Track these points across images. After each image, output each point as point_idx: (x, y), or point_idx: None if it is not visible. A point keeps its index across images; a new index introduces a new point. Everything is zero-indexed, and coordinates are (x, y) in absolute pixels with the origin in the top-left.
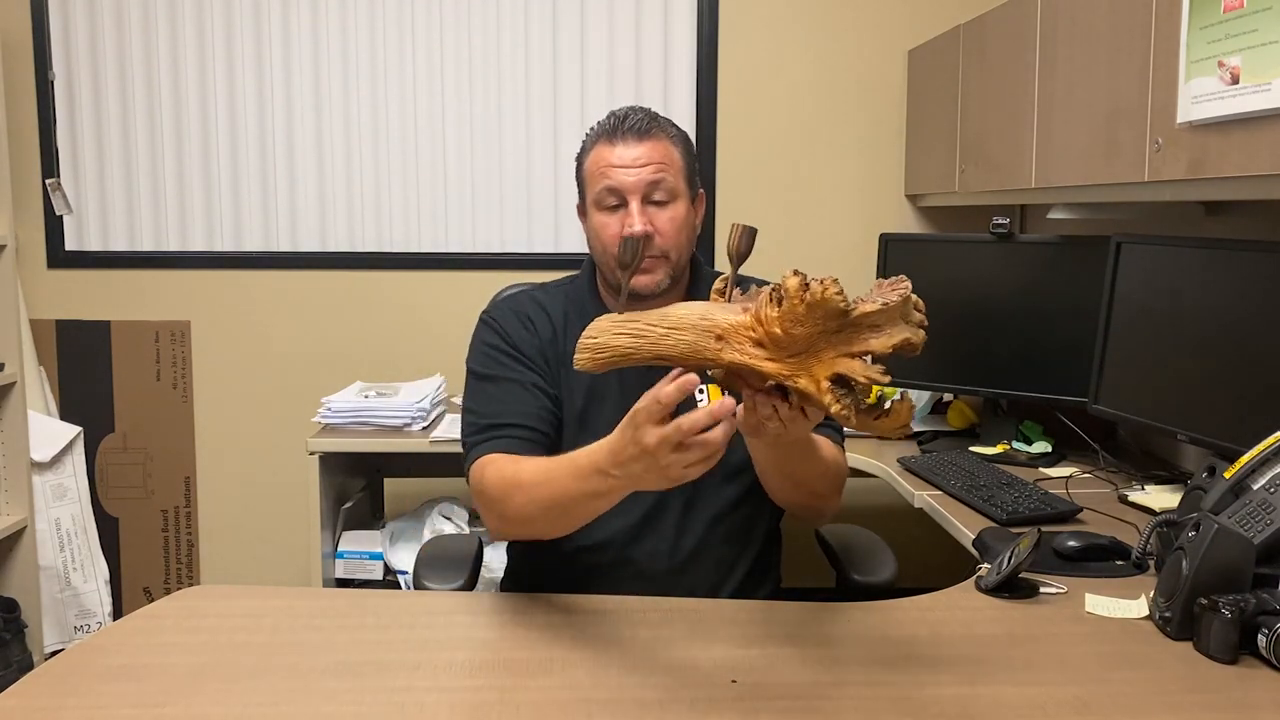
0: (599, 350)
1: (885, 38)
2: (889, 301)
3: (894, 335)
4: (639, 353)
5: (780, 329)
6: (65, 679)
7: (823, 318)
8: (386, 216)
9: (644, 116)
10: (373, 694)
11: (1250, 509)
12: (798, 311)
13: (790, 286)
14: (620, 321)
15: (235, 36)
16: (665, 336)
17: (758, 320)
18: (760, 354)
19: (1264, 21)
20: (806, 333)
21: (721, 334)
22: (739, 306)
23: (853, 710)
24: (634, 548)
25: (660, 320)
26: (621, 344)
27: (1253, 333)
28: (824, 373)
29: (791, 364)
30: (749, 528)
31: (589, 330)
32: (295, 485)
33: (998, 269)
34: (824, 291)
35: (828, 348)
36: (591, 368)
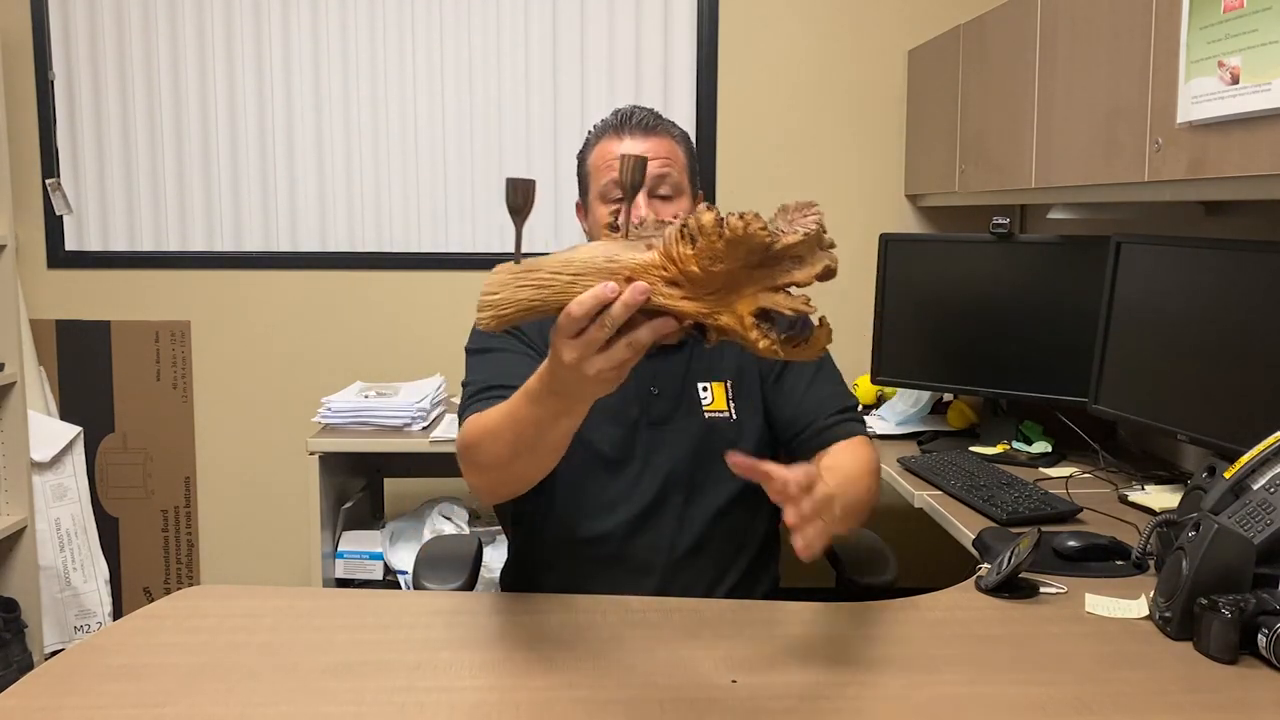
0: (501, 305)
1: (885, 38)
2: (809, 230)
3: (815, 264)
4: (544, 304)
5: (698, 267)
6: (65, 679)
7: (745, 253)
8: (386, 216)
9: (649, 114)
10: (373, 694)
11: (1250, 509)
12: (716, 248)
13: (706, 223)
14: (520, 273)
15: (235, 36)
16: (571, 284)
17: (670, 259)
18: (676, 294)
19: (1264, 21)
20: (726, 269)
21: (631, 275)
22: (642, 243)
23: (853, 710)
24: (634, 541)
25: (564, 267)
26: (525, 297)
27: (1253, 333)
28: (747, 308)
29: (710, 301)
30: (748, 525)
31: (487, 285)
32: (295, 485)
33: (998, 269)
34: (746, 227)
35: (749, 282)
36: (495, 325)
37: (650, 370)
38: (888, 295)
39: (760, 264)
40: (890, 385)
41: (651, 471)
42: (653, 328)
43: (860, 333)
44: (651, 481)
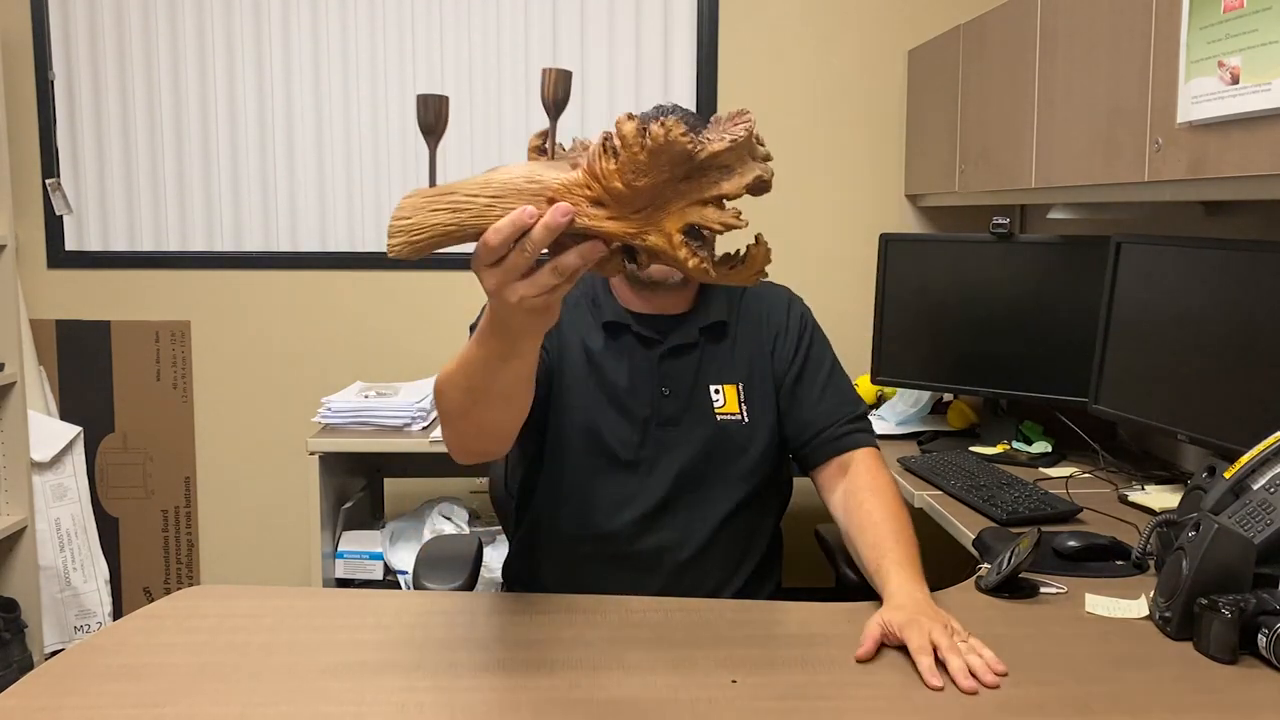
0: (415, 230)
1: (885, 38)
2: (736, 138)
3: (745, 174)
4: (462, 229)
5: (620, 182)
6: (65, 679)
7: (668, 164)
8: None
9: (690, 115)
10: (373, 694)
11: (1250, 509)
12: (639, 160)
13: (626, 133)
14: (434, 195)
15: (235, 36)
16: (490, 207)
17: (593, 176)
18: (601, 214)
19: (1264, 21)
20: (650, 183)
21: (554, 196)
22: (566, 163)
23: (853, 710)
24: (641, 540)
25: (481, 189)
26: (439, 221)
27: (1253, 333)
28: (674, 225)
29: (637, 220)
30: (755, 528)
31: (399, 210)
32: (295, 485)
33: (998, 269)
34: (667, 134)
35: (675, 197)
36: (409, 253)
37: (662, 371)
38: (888, 295)
39: (686, 177)
40: (890, 385)
41: (661, 471)
42: (580, 252)
43: (860, 333)
44: (661, 481)
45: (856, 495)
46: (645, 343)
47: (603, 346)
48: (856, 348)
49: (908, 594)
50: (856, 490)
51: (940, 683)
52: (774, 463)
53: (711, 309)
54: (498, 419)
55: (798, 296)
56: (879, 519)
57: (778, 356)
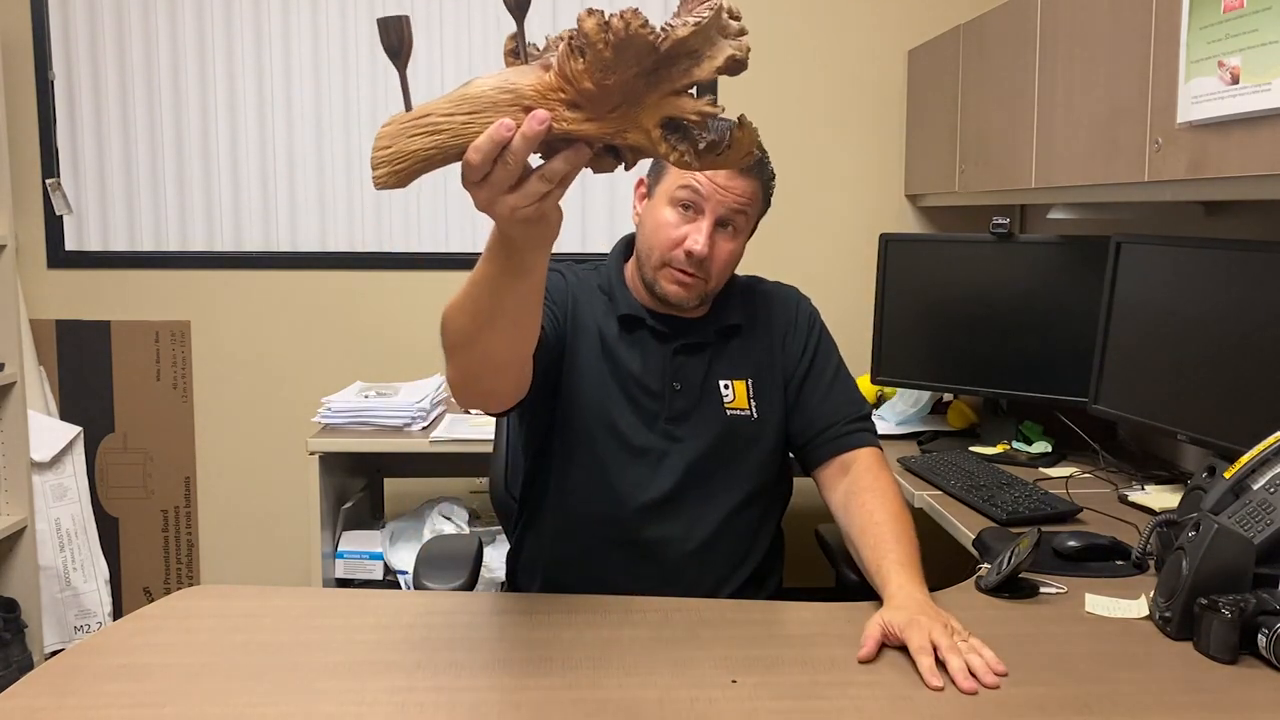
0: (396, 159)
1: (885, 38)
2: (701, 19)
3: (716, 57)
4: (442, 150)
5: (591, 82)
6: (65, 679)
7: (634, 58)
8: (386, 216)
9: None
10: (373, 694)
11: (1250, 509)
12: (605, 57)
13: (589, 29)
14: (410, 121)
15: (235, 36)
16: (468, 124)
17: (564, 79)
18: (578, 116)
19: (1264, 21)
20: (620, 80)
21: (530, 104)
22: (539, 65)
23: (853, 710)
24: (647, 530)
25: (457, 106)
26: (419, 146)
27: (1253, 333)
28: (651, 120)
29: (615, 119)
30: (759, 526)
31: (378, 140)
32: (295, 485)
33: (998, 269)
34: (627, 27)
35: (648, 91)
36: (394, 182)
37: (675, 366)
38: (888, 295)
39: (656, 68)
40: (890, 385)
41: (670, 464)
42: (566, 157)
43: (860, 333)
44: (670, 474)
45: (858, 496)
46: (660, 337)
47: (617, 336)
48: (856, 348)
49: (908, 594)
50: (858, 490)
51: (940, 683)
52: (780, 460)
53: (725, 314)
54: (505, 345)
55: (806, 297)
56: (880, 519)
57: (787, 354)
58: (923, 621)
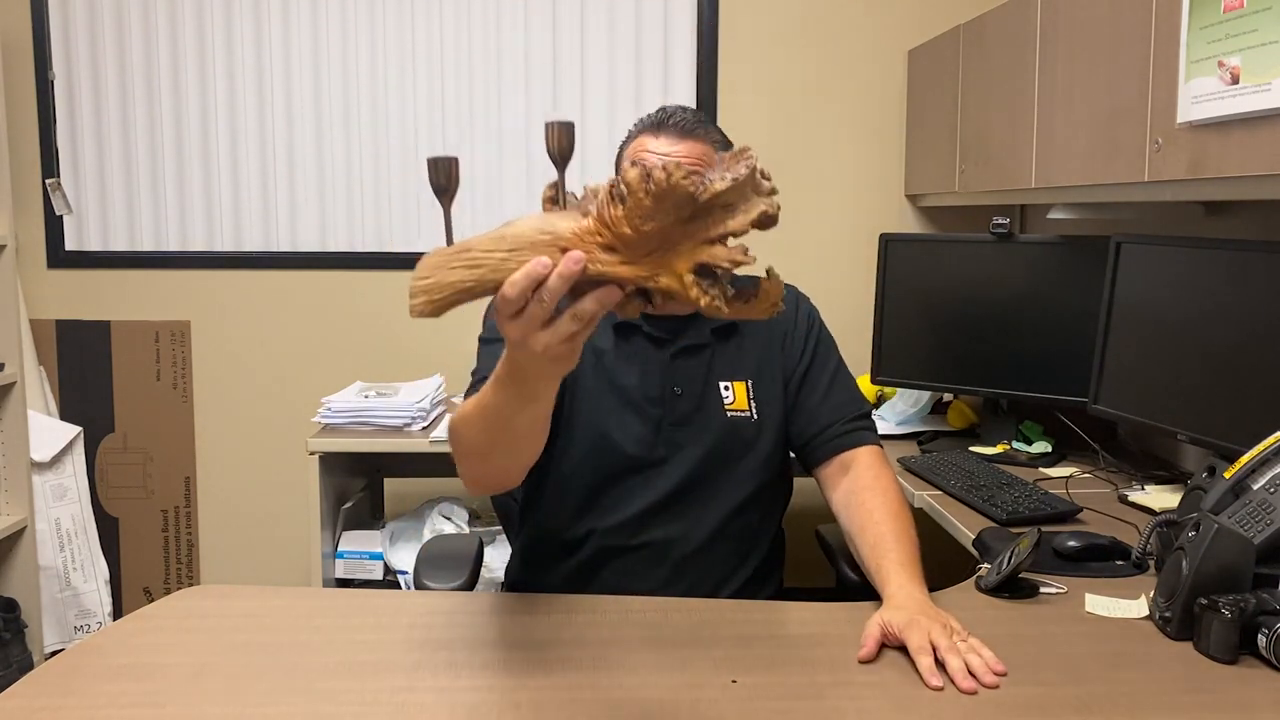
0: (434, 290)
1: (885, 38)
2: (738, 176)
3: (750, 210)
4: (480, 284)
5: (629, 227)
6: (65, 679)
7: (673, 207)
8: (386, 216)
9: (691, 115)
10: (373, 694)
11: (1250, 509)
12: (645, 205)
13: (631, 179)
14: (451, 254)
15: (235, 36)
16: (506, 261)
17: (603, 223)
18: (613, 259)
19: (1264, 21)
20: (658, 226)
21: (567, 245)
22: (578, 211)
23: (853, 710)
24: (648, 533)
25: (496, 244)
26: (457, 279)
27: (1253, 333)
28: (684, 266)
29: (649, 263)
30: (760, 526)
31: (419, 270)
32: (295, 485)
33: (998, 269)
34: (669, 178)
35: (684, 239)
36: (430, 311)
37: (674, 370)
38: (888, 295)
39: (692, 217)
40: (890, 385)
41: (671, 469)
42: (597, 298)
43: (860, 333)
44: (671, 478)
45: (858, 495)
46: (657, 343)
47: (613, 348)
48: (856, 348)
49: (908, 594)
50: (858, 490)
51: (940, 683)
52: (780, 460)
53: None
54: (516, 457)
55: (805, 296)
56: (879, 518)
57: (786, 354)
58: (922, 621)
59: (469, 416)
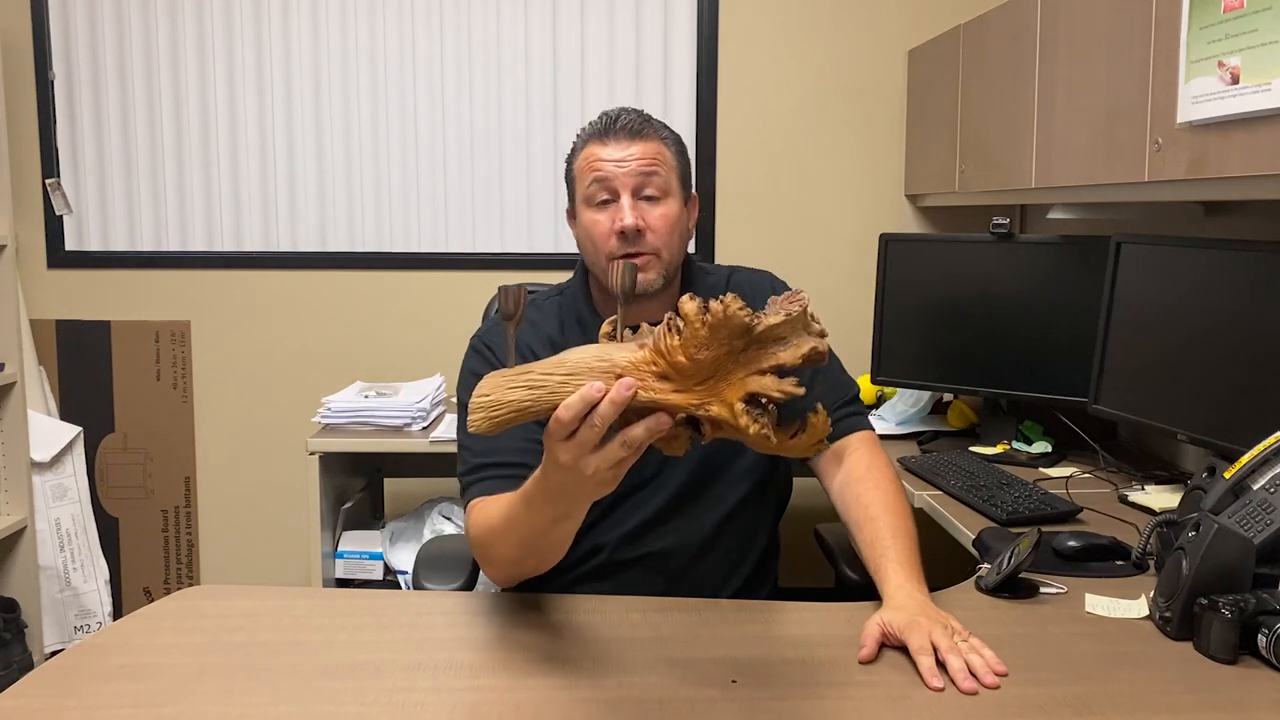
0: (494, 408)
1: (885, 38)
2: (791, 312)
3: (801, 345)
4: (537, 404)
5: (684, 356)
6: (65, 679)
7: (727, 337)
8: (386, 216)
9: (636, 116)
10: (373, 694)
11: (1250, 509)
12: (700, 335)
13: (689, 311)
14: (512, 375)
15: (235, 36)
16: (563, 384)
17: (658, 353)
18: (666, 387)
19: (1264, 21)
20: (712, 355)
21: (622, 373)
22: (634, 344)
23: (853, 710)
24: (642, 547)
25: (556, 368)
26: (516, 398)
27: (1253, 333)
28: (735, 395)
29: (700, 392)
30: (754, 527)
31: (480, 388)
32: (295, 485)
33: (998, 269)
34: (726, 310)
35: (735, 369)
36: (488, 428)
37: None
38: (888, 295)
39: (745, 349)
40: (890, 385)
41: (664, 480)
42: (646, 425)
43: (860, 333)
44: (664, 490)
45: (852, 487)
46: None
47: None
48: (856, 348)
49: (907, 594)
50: (852, 481)
51: (941, 684)
52: (771, 459)
53: None
54: (546, 559)
55: (783, 281)
56: (875, 513)
57: None
58: (923, 622)
59: (498, 531)
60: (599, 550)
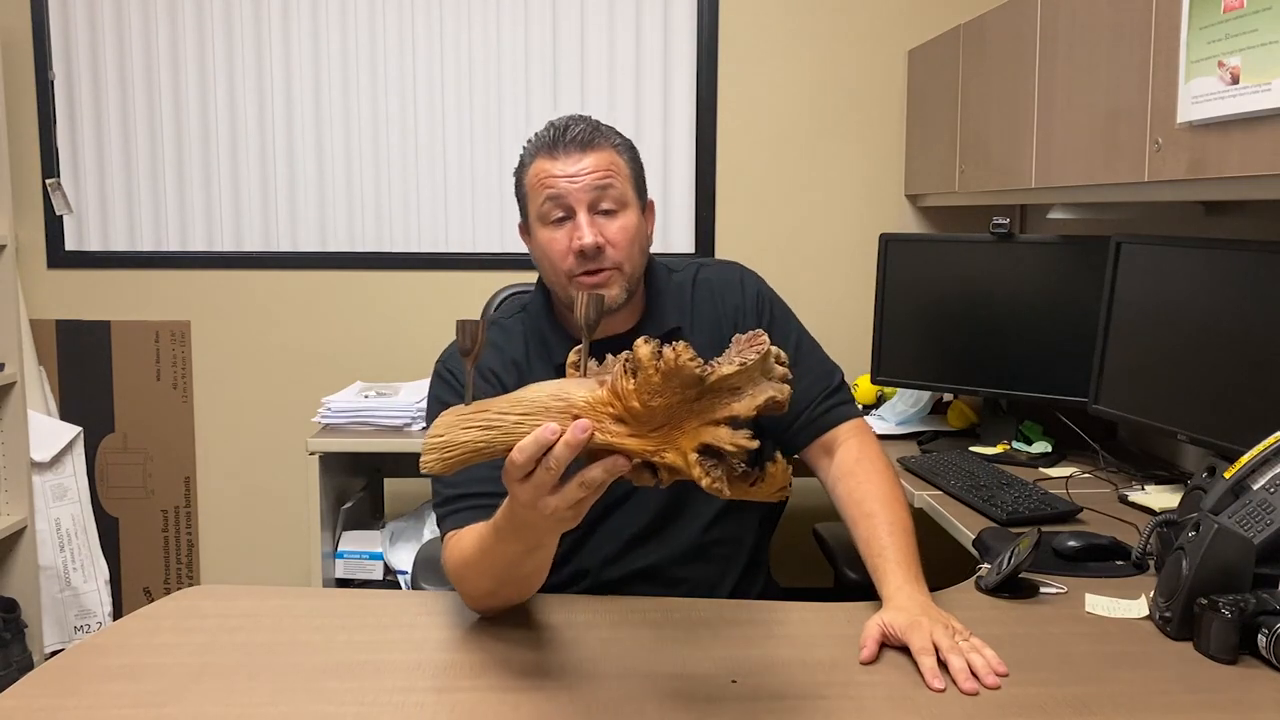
0: (447, 449)
1: (885, 38)
2: (746, 360)
3: (757, 396)
4: (491, 446)
5: (638, 401)
6: (65, 679)
7: (680, 386)
8: (386, 216)
9: (586, 126)
10: (373, 694)
11: (1250, 509)
12: (654, 382)
13: (642, 356)
14: (466, 414)
15: (235, 36)
16: (519, 424)
17: (615, 394)
18: (622, 431)
19: (1264, 21)
20: (665, 403)
21: (579, 414)
22: (594, 381)
23: (853, 710)
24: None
25: (512, 407)
26: (471, 439)
27: (1253, 333)
28: (689, 444)
29: (655, 438)
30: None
31: (433, 428)
32: (295, 485)
33: (998, 269)
34: (676, 359)
35: (690, 417)
36: (441, 469)
37: None
38: (888, 295)
39: (698, 397)
40: (890, 385)
41: (639, 503)
42: (604, 466)
43: (860, 333)
44: (646, 505)
45: (845, 482)
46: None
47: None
48: (856, 348)
49: (908, 595)
50: (844, 476)
51: (943, 684)
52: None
53: (663, 316)
54: (523, 588)
55: (751, 272)
56: (871, 509)
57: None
58: (924, 623)
59: (472, 563)
60: (583, 574)
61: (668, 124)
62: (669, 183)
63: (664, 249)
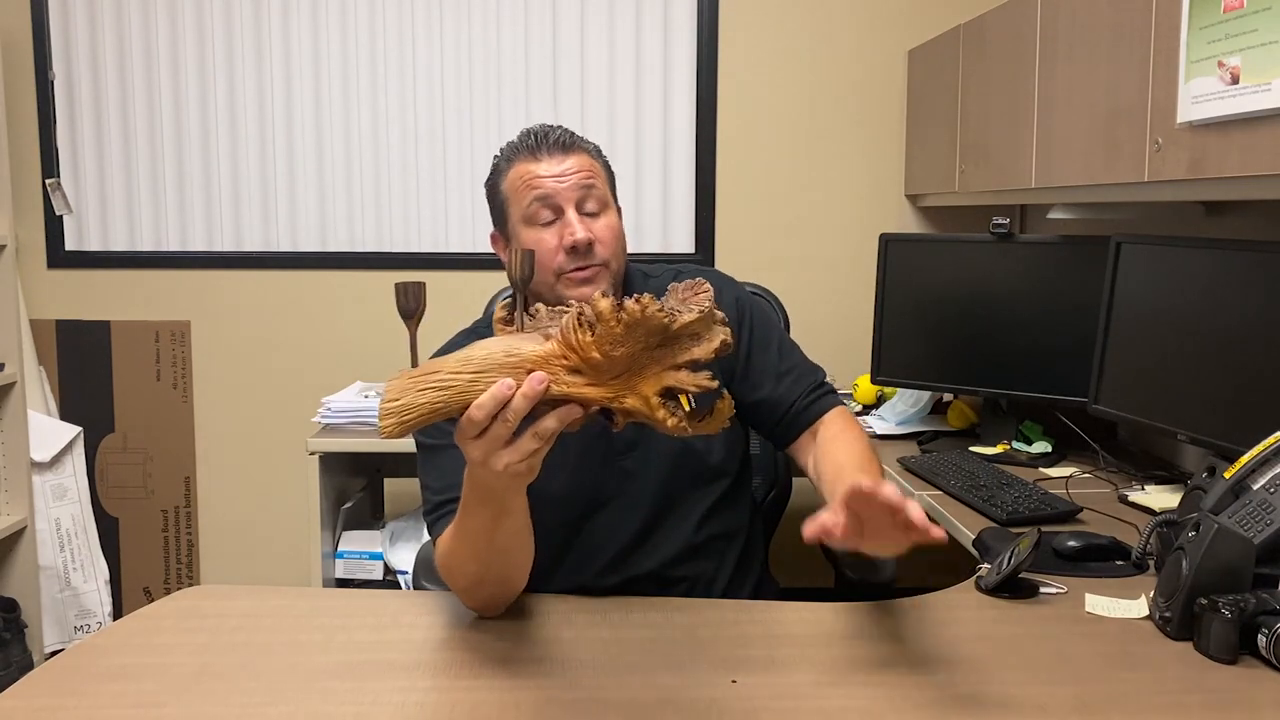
0: (404, 411)
1: (885, 38)
2: (703, 308)
3: (713, 339)
4: (448, 405)
5: (599, 353)
6: (65, 679)
7: (644, 335)
8: (386, 216)
9: (564, 131)
10: (373, 694)
11: (1250, 509)
12: (615, 333)
13: (604, 309)
14: (419, 376)
15: (235, 36)
16: (473, 383)
17: (569, 347)
18: (579, 381)
19: (1264, 21)
20: (627, 352)
21: (532, 368)
22: (538, 335)
23: (853, 710)
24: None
25: (463, 366)
26: (427, 400)
27: (1253, 333)
28: (651, 389)
29: (615, 385)
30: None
31: (386, 392)
32: (295, 485)
33: (998, 269)
34: (644, 310)
35: (651, 363)
36: (399, 432)
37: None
38: (888, 295)
39: (660, 344)
40: (890, 385)
41: (630, 502)
42: (558, 415)
43: (860, 333)
44: (634, 513)
45: (823, 447)
46: None
47: None
48: (856, 348)
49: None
50: (823, 442)
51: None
52: (739, 456)
53: None
54: (511, 572)
55: (728, 278)
56: (842, 460)
57: None
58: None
59: (452, 549)
60: (582, 583)
61: (668, 124)
62: (669, 183)
63: (664, 249)
